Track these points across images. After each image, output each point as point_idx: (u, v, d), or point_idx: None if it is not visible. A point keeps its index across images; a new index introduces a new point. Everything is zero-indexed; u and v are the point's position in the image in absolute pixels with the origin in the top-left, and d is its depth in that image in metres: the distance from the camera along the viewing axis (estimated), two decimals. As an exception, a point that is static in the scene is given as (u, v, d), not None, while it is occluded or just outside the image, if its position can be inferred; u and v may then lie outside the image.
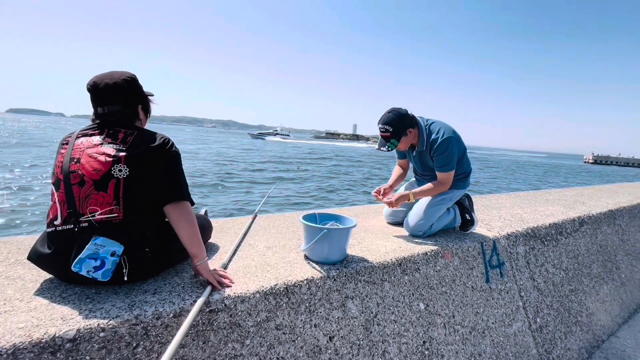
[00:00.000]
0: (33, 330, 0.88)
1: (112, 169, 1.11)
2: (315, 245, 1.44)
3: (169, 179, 1.19)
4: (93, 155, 1.12)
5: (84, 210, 1.07)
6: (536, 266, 2.33)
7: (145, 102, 1.33)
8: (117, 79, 1.22)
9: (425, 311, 1.64)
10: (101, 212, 1.08)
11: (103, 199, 1.08)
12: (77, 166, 1.11)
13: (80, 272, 1.01)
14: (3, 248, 1.43)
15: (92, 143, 1.16)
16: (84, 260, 1.00)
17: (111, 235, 1.06)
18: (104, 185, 1.09)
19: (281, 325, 1.22)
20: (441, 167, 1.90)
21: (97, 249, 1.02)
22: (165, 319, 1.02)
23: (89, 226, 1.06)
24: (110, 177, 1.10)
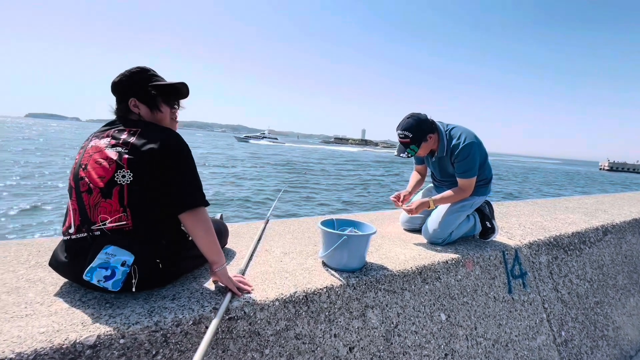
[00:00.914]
0: (54, 336, 0.87)
1: (115, 175, 1.05)
2: (334, 252, 1.40)
3: (180, 183, 1.09)
4: (98, 161, 1.08)
5: (95, 219, 1.04)
6: (560, 277, 2.24)
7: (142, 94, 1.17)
8: (123, 74, 1.17)
9: (446, 322, 1.58)
10: (111, 220, 1.04)
11: (111, 207, 1.04)
12: (85, 173, 1.08)
13: (92, 281, 0.99)
14: (24, 250, 1.43)
15: (99, 147, 1.11)
16: (95, 269, 0.99)
17: (122, 244, 1.03)
18: (109, 193, 1.04)
19: (301, 335, 1.18)
20: (463, 173, 1.85)
21: (107, 258, 1.00)
22: (184, 326, 1.00)
23: (102, 234, 1.04)
24: (114, 184, 1.04)
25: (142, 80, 1.18)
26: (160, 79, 1.22)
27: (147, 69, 1.21)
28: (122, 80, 1.16)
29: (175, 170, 1.09)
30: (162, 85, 1.19)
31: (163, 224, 1.13)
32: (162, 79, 1.23)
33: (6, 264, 1.28)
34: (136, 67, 1.19)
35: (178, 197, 1.08)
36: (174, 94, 1.25)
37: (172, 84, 1.22)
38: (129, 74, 1.17)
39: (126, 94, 1.17)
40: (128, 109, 1.17)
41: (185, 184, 1.10)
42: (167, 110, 1.22)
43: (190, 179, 1.11)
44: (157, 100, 1.19)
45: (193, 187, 1.11)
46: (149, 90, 1.17)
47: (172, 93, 1.24)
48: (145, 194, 1.07)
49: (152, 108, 1.19)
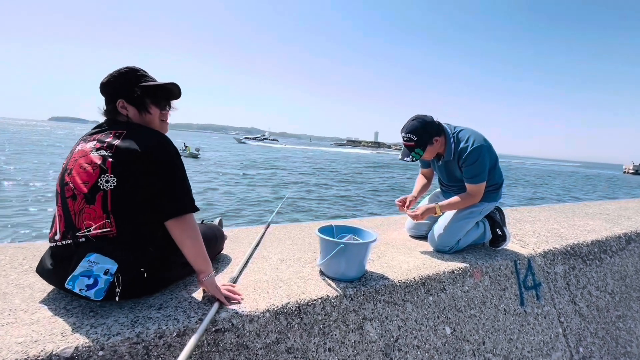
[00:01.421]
0: (31, 346, 0.84)
1: (99, 180, 1.01)
2: (331, 261, 1.34)
3: (166, 189, 1.05)
4: (83, 166, 1.04)
5: (80, 225, 1.01)
6: (577, 288, 2.10)
7: (130, 95, 1.13)
8: (111, 74, 1.14)
9: (451, 336, 1.49)
10: (95, 226, 1.00)
11: (95, 213, 1.01)
12: (69, 178, 1.05)
13: (74, 290, 0.96)
14: (19, 254, 1.43)
15: (85, 151, 1.07)
16: (77, 277, 0.95)
17: (106, 252, 0.99)
18: (93, 199, 1.01)
19: (292, 349, 1.12)
20: (471, 178, 1.75)
21: (90, 266, 0.97)
22: (168, 338, 0.96)
23: (86, 241, 1.01)
24: (97, 190, 1.01)
25: (131, 81, 1.14)
26: (151, 80, 1.18)
27: (136, 69, 1.17)
28: (110, 81, 1.13)
29: (160, 175, 1.05)
30: (150, 87, 1.15)
31: (150, 231, 1.08)
32: (153, 79, 1.19)
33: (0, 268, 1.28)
34: (125, 67, 1.15)
35: (164, 204, 1.04)
36: (164, 95, 1.21)
37: (161, 85, 1.17)
38: (117, 74, 1.13)
39: (114, 95, 1.14)
40: (116, 111, 1.14)
41: (171, 190, 1.05)
42: (156, 111, 1.18)
43: (176, 184, 1.07)
44: (145, 101, 1.15)
45: (180, 192, 1.07)
46: (137, 91, 1.13)
47: (162, 94, 1.20)
48: (130, 200, 1.03)
49: (141, 109, 1.15)
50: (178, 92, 1.23)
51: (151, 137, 1.08)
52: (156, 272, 1.11)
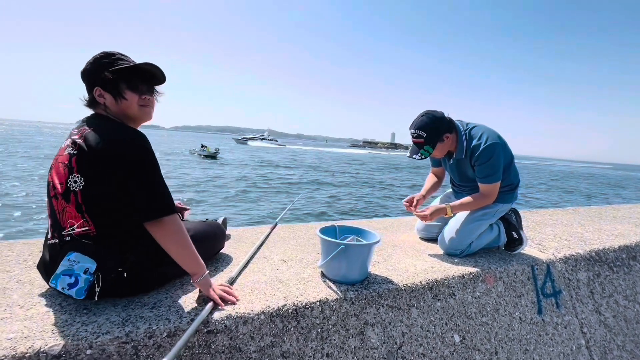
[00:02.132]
0: (20, 342, 0.83)
1: (68, 180, 0.98)
2: (331, 262, 1.29)
3: (139, 191, 0.98)
4: (58, 165, 1.01)
5: (65, 224, 1.00)
6: (603, 297, 1.96)
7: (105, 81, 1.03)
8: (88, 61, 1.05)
9: (460, 345, 1.40)
10: (77, 225, 0.98)
11: (73, 213, 0.98)
12: (50, 177, 1.03)
13: (57, 288, 0.95)
14: (26, 250, 1.46)
15: (63, 148, 1.04)
16: (59, 276, 0.95)
17: (86, 251, 0.97)
18: (68, 198, 0.98)
19: (288, 353, 1.08)
20: (484, 177, 1.65)
21: (70, 265, 0.96)
22: (158, 338, 0.93)
23: (71, 240, 0.99)
24: (69, 190, 0.98)
25: (104, 65, 1.04)
26: (128, 62, 1.07)
27: (111, 53, 1.07)
28: (87, 69, 1.05)
29: (130, 176, 0.98)
30: (122, 69, 1.04)
31: (133, 230, 1.04)
32: (132, 61, 1.08)
33: (4, 264, 1.30)
34: (101, 52, 1.07)
35: (136, 207, 0.99)
36: (141, 78, 1.08)
37: (135, 66, 1.05)
38: (93, 60, 1.05)
39: (91, 83, 1.06)
40: (94, 100, 1.07)
41: (142, 192, 0.99)
42: (133, 97, 1.07)
43: (150, 186, 1.00)
44: (119, 86, 1.04)
45: (154, 195, 1.00)
46: (107, 75, 1.02)
47: (138, 77, 1.08)
48: (102, 200, 0.99)
49: (116, 96, 1.05)
50: (160, 74, 1.11)
51: (115, 133, 1.00)
52: (140, 272, 1.07)
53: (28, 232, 7.28)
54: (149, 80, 1.12)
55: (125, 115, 1.08)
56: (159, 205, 1.00)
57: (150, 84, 1.12)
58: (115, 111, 1.07)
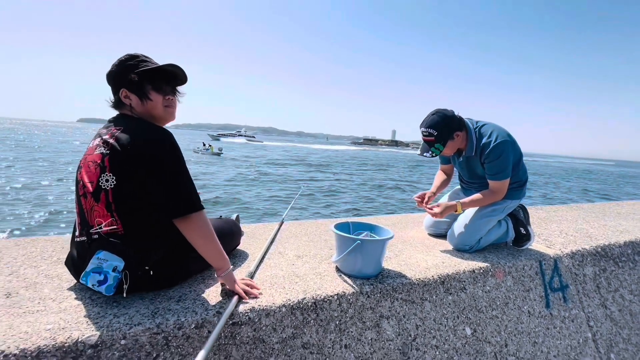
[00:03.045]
0: (58, 333, 0.88)
1: (100, 179, 1.00)
2: (347, 257, 1.32)
3: (168, 188, 1.00)
4: (89, 164, 1.04)
5: (93, 222, 1.02)
6: (609, 291, 1.99)
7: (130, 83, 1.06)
8: (113, 63, 1.08)
9: (472, 337, 1.44)
10: (105, 224, 1.01)
11: (102, 211, 1.01)
12: (80, 176, 1.06)
13: (87, 285, 0.99)
14: (49, 246, 1.50)
15: (92, 147, 1.06)
16: (89, 273, 0.98)
17: (114, 249, 1.00)
18: (98, 197, 1.00)
19: (308, 344, 1.12)
20: (494, 174, 1.69)
21: (100, 263, 0.99)
22: (186, 329, 0.97)
23: (99, 238, 1.02)
24: (100, 189, 1.00)
25: (130, 67, 1.07)
26: (152, 64, 1.10)
27: (136, 56, 1.09)
28: (113, 71, 1.09)
29: (158, 173, 1.00)
30: (147, 71, 1.07)
31: (159, 228, 1.07)
32: (156, 63, 1.11)
33: (31, 259, 1.35)
34: (126, 54, 1.09)
35: (165, 204, 1.01)
36: (165, 79, 1.12)
37: (158, 68, 1.08)
38: (118, 62, 1.08)
39: (117, 85, 1.09)
40: (120, 101, 1.10)
41: (173, 190, 1.01)
42: (158, 98, 1.10)
43: (178, 183, 1.02)
44: (145, 87, 1.08)
45: (182, 191, 1.02)
46: (134, 77, 1.06)
47: (162, 78, 1.11)
48: (132, 199, 1.01)
49: (141, 97, 1.08)
50: (182, 74, 1.14)
51: (145, 133, 1.03)
52: (164, 269, 1.10)
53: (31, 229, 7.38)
54: (172, 81, 1.15)
55: (151, 115, 1.11)
56: (187, 202, 1.03)
57: (173, 85, 1.16)
58: (141, 112, 1.11)
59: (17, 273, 1.22)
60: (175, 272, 1.16)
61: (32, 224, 7.65)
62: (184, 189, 1.04)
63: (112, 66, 1.09)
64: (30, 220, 7.88)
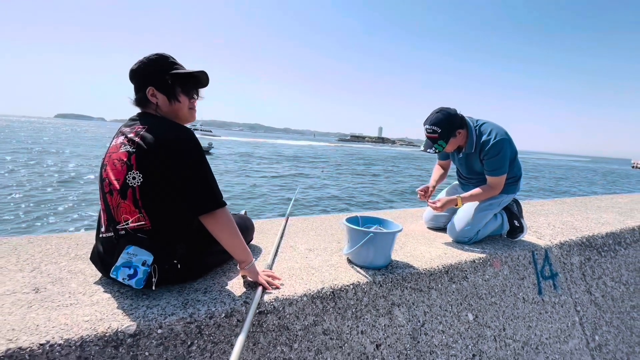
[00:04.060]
0: (98, 324, 0.91)
1: (127, 176, 1.03)
2: (360, 249, 1.40)
3: (193, 186, 1.04)
4: (114, 162, 1.06)
5: (119, 219, 1.06)
6: (593, 279, 2.15)
7: (160, 83, 1.10)
8: (141, 61, 1.11)
9: (474, 322, 1.55)
10: (132, 220, 1.05)
11: (129, 208, 1.04)
12: (105, 174, 1.08)
13: (118, 279, 1.03)
14: (64, 243, 1.51)
15: (117, 145, 1.09)
16: (119, 268, 1.02)
17: (142, 244, 1.04)
18: (125, 194, 1.03)
19: (328, 331, 1.19)
20: (492, 170, 1.79)
21: (129, 257, 1.03)
22: (217, 318, 1.02)
23: (126, 234, 1.05)
24: (127, 186, 1.03)
25: (161, 68, 1.11)
26: (180, 67, 1.15)
27: (166, 56, 1.13)
28: (141, 68, 1.11)
29: (184, 171, 1.04)
30: (182, 74, 1.13)
31: (184, 223, 1.11)
32: (182, 67, 1.16)
33: (49, 256, 1.36)
34: (154, 53, 1.13)
35: (191, 201, 1.05)
36: (193, 83, 1.18)
37: (193, 73, 1.15)
38: (147, 60, 1.11)
39: (144, 83, 1.11)
40: (146, 99, 1.12)
41: (197, 186, 1.05)
42: (185, 100, 1.15)
43: (201, 181, 1.06)
44: (175, 89, 1.13)
45: (206, 189, 1.06)
46: (167, 79, 1.11)
47: (191, 82, 1.17)
48: (158, 196, 1.04)
49: (170, 98, 1.12)
50: (206, 80, 1.20)
51: (171, 132, 1.06)
52: (190, 262, 1.15)
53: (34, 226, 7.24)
54: (197, 85, 1.20)
55: (176, 115, 1.15)
56: (212, 199, 1.07)
57: (197, 88, 1.21)
58: (167, 111, 1.14)
59: (39, 269, 1.23)
60: (199, 265, 1.21)
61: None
62: (209, 186, 1.08)
63: (140, 63, 1.11)
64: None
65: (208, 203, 1.07)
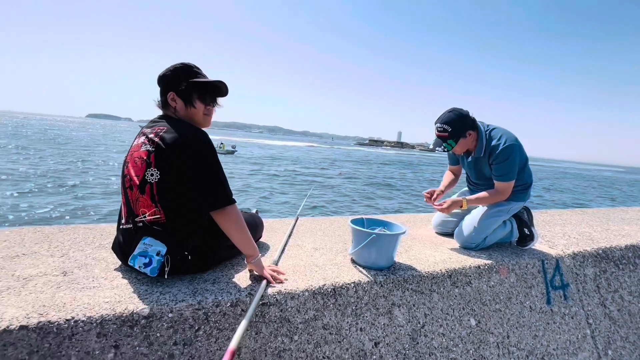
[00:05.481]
0: (116, 305, 1.01)
1: (146, 173, 1.12)
2: (362, 250, 1.44)
3: (205, 183, 1.12)
4: (135, 159, 1.16)
5: (138, 212, 1.16)
6: (608, 292, 2.08)
7: (180, 89, 1.21)
8: (168, 68, 1.22)
9: (476, 328, 1.55)
10: (149, 213, 1.14)
11: (147, 202, 1.14)
12: (127, 170, 1.18)
13: (135, 267, 1.12)
14: (89, 234, 1.64)
15: (138, 144, 1.18)
16: (136, 257, 1.12)
17: (157, 236, 1.13)
18: (143, 189, 1.13)
19: (328, 325, 1.24)
20: (500, 176, 1.79)
21: (145, 247, 1.12)
22: (223, 307, 1.10)
23: (143, 226, 1.15)
24: (145, 182, 1.12)
25: (183, 75, 1.22)
26: (202, 76, 1.25)
27: (191, 66, 1.24)
28: (166, 74, 1.23)
29: (196, 169, 1.13)
30: (199, 83, 1.23)
31: (196, 218, 1.20)
32: (205, 76, 1.27)
33: (76, 244, 1.49)
34: (180, 62, 1.24)
35: (204, 197, 1.14)
36: (211, 92, 1.27)
37: (209, 82, 1.24)
38: (173, 68, 1.23)
39: (167, 88, 1.23)
40: (167, 102, 1.24)
41: (208, 184, 1.13)
42: (200, 106, 1.24)
43: (212, 178, 1.14)
44: (192, 96, 1.22)
45: (216, 186, 1.15)
46: (185, 85, 1.21)
47: (209, 90, 1.26)
48: (173, 191, 1.13)
49: (187, 103, 1.23)
50: (225, 89, 1.30)
51: (187, 132, 1.15)
52: (201, 255, 1.23)
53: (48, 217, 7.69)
54: (215, 93, 1.30)
55: (192, 119, 1.25)
56: (223, 196, 1.16)
57: (214, 96, 1.31)
58: (183, 115, 1.25)
59: (67, 255, 1.36)
60: (209, 258, 1.29)
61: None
62: (221, 184, 1.17)
63: (166, 70, 1.23)
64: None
65: (219, 200, 1.16)
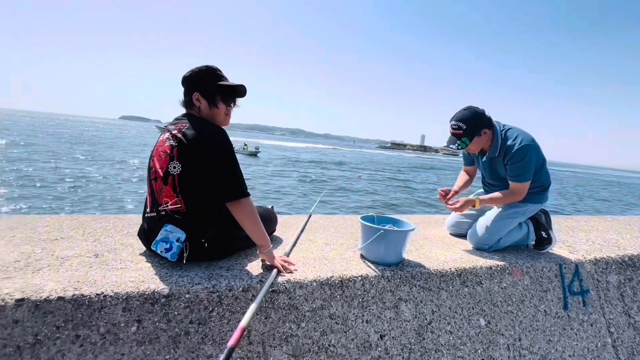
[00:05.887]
0: (140, 284, 1.11)
1: (169, 166, 1.23)
2: (371, 245, 1.48)
3: (222, 176, 1.21)
4: (160, 153, 1.27)
5: (161, 201, 1.26)
6: (634, 301, 1.99)
7: (205, 90, 1.31)
8: (192, 70, 1.33)
9: (486, 328, 1.54)
10: (170, 203, 1.24)
11: (169, 192, 1.24)
12: (152, 163, 1.30)
13: (157, 251, 1.22)
14: (118, 222, 1.79)
15: (163, 140, 1.29)
16: (159, 242, 1.22)
17: (177, 224, 1.23)
18: (166, 181, 1.23)
19: (334, 315, 1.29)
20: (515, 176, 1.77)
21: (167, 234, 1.22)
22: (235, 291, 1.18)
23: (166, 214, 1.25)
24: (168, 174, 1.23)
25: (208, 78, 1.32)
26: (224, 79, 1.37)
27: (214, 69, 1.35)
28: (191, 76, 1.33)
29: (215, 164, 1.22)
30: (224, 86, 1.34)
31: (214, 208, 1.28)
32: (226, 78, 1.38)
33: (107, 231, 1.63)
34: (205, 65, 1.34)
35: (220, 190, 1.23)
36: (232, 94, 1.39)
37: (233, 86, 1.36)
38: (198, 70, 1.33)
39: (192, 88, 1.33)
40: (191, 102, 1.34)
41: (224, 177, 1.23)
42: (222, 107, 1.36)
43: (228, 172, 1.23)
44: (216, 97, 1.34)
45: (231, 180, 1.24)
46: (211, 87, 1.32)
47: (230, 93, 1.38)
48: (193, 183, 1.23)
49: (211, 104, 1.33)
50: (244, 91, 1.41)
51: (207, 130, 1.26)
52: (217, 243, 1.32)
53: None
54: (235, 95, 1.40)
55: (214, 119, 1.36)
56: (239, 189, 1.25)
57: (234, 97, 1.41)
58: (207, 114, 1.35)
59: (99, 241, 1.49)
60: (224, 247, 1.38)
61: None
62: (237, 178, 1.25)
63: (191, 72, 1.34)
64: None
65: (235, 192, 1.25)
